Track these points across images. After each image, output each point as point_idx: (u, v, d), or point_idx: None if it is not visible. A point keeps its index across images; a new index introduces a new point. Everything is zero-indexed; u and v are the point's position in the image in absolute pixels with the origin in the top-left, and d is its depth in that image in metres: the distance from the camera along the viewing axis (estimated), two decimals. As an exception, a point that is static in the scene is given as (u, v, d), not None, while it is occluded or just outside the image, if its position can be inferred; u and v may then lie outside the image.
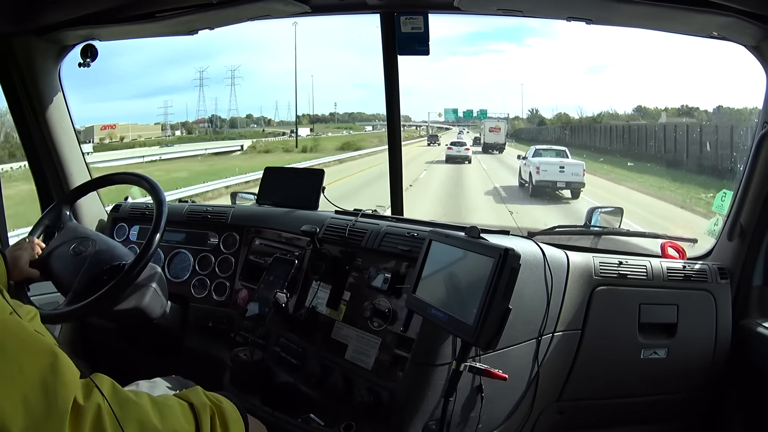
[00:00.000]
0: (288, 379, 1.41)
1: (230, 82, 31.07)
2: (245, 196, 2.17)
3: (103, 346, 1.86)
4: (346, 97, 68.16)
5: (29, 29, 1.73)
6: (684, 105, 21.20)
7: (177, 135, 27.46)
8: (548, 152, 13.76)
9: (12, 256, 1.39)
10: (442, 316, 1.11)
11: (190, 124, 29.14)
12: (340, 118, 35.41)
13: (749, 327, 1.56)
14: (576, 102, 58.57)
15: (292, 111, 39.43)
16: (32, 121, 1.87)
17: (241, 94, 39.92)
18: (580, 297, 1.47)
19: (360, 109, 39.79)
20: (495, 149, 23.28)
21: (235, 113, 31.24)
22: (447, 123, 32.48)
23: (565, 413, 1.52)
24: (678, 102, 24.60)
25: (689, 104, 20.92)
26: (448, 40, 42.95)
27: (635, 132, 18.03)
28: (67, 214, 1.61)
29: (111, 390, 0.69)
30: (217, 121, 30.19)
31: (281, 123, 32.32)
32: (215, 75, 31.71)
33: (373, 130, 32.77)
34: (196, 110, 30.73)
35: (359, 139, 29.86)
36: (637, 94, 50.03)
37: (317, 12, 1.78)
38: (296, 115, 30.75)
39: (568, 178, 12.24)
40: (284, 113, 39.91)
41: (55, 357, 0.64)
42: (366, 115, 35.55)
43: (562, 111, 29.44)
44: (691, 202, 10.63)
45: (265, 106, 53.41)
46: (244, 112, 31.96)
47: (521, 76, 55.55)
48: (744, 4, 1.31)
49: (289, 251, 1.62)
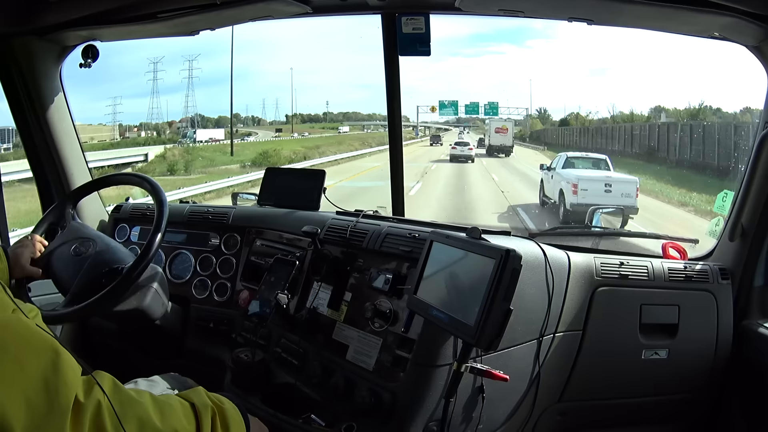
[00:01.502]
0: (289, 379, 1.41)
1: (188, 74, 27.46)
2: (246, 197, 2.17)
3: (105, 346, 1.86)
4: (341, 96, 68.01)
5: (30, 30, 1.73)
6: (707, 105, 19.54)
7: (131, 137, 24.99)
8: (583, 162, 10.49)
9: (14, 253, 1.40)
10: (443, 316, 1.11)
11: (160, 125, 26.89)
12: (334, 117, 34.71)
13: (750, 327, 1.56)
14: (583, 103, 56.19)
15: (281, 110, 38.38)
16: (33, 121, 1.87)
17: (226, 94, 39.21)
18: (582, 298, 1.47)
19: (356, 108, 39.28)
20: (501, 152, 21.51)
21: (193, 110, 28.54)
22: (447, 124, 32.18)
23: (566, 414, 1.52)
24: (694, 102, 23.26)
25: (711, 104, 19.35)
26: (449, 41, 42.81)
27: (666, 133, 15.63)
28: (70, 213, 1.61)
29: (112, 387, 0.70)
30: (199, 121, 27.86)
31: (274, 123, 31.42)
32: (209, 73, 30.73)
33: (365, 131, 31.46)
34: (185, 108, 28.87)
35: (324, 143, 26.77)
36: (654, 95, 49.06)
37: (318, 12, 1.77)
38: (231, 113, 28.15)
39: (618, 201, 8.51)
40: (272, 113, 38.96)
41: (56, 354, 0.65)
42: (362, 115, 34.87)
43: (573, 111, 27.41)
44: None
45: (252, 104, 52.13)
46: (217, 112, 30.02)
47: (526, 74, 54.85)
48: (745, 5, 1.30)
49: (291, 252, 1.62)
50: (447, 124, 32.49)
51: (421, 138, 29.73)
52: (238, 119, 31.19)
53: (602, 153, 12.01)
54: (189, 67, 27.40)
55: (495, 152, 21.48)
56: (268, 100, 38.79)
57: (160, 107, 33.52)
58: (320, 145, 26.14)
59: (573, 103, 57.50)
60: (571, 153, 11.51)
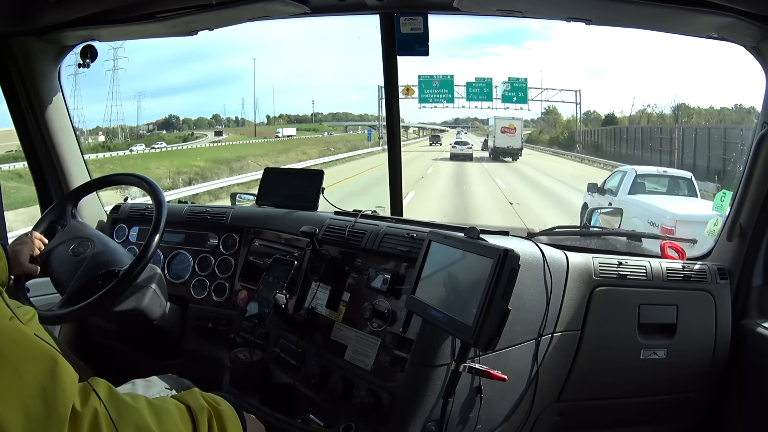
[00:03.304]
0: (287, 379, 1.41)
1: (112, 65, 23.84)
2: (245, 197, 2.17)
3: (103, 346, 1.86)
4: (338, 98, 67.43)
5: (29, 30, 1.73)
6: (738, 104, 17.09)
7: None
8: (657, 182, 7.17)
9: (13, 250, 1.39)
10: (441, 316, 1.11)
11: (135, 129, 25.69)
12: (323, 118, 34.02)
13: (749, 327, 1.56)
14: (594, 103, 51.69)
15: (262, 111, 36.96)
16: (32, 121, 1.87)
17: (218, 95, 38.25)
18: (580, 297, 1.47)
19: (347, 109, 38.62)
20: (508, 155, 19.01)
21: (118, 105, 27.51)
22: (445, 124, 31.98)
23: (564, 414, 1.52)
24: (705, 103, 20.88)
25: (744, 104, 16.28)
26: (447, 42, 42.84)
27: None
28: (71, 212, 1.61)
29: (108, 394, 0.69)
30: (176, 122, 26.73)
31: (259, 124, 30.27)
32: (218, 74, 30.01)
33: (346, 132, 30.07)
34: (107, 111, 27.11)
35: (262, 151, 22.04)
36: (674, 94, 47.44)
37: (317, 13, 1.78)
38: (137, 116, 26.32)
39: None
40: (249, 112, 37.74)
41: (54, 363, 0.65)
42: (353, 116, 34.47)
43: (591, 110, 24.00)
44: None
45: (230, 105, 50.81)
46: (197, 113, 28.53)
47: (527, 73, 54.12)
48: (744, 5, 1.30)
49: (289, 252, 1.62)
50: (444, 125, 32.26)
51: (414, 141, 29.36)
52: (218, 120, 30.27)
53: (612, 158, 9.85)
54: (113, 57, 22.96)
55: (501, 156, 19.14)
56: (248, 100, 37.73)
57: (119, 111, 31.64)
58: (247, 155, 21.01)
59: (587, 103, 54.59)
60: (641, 168, 7.72)
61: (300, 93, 49.51)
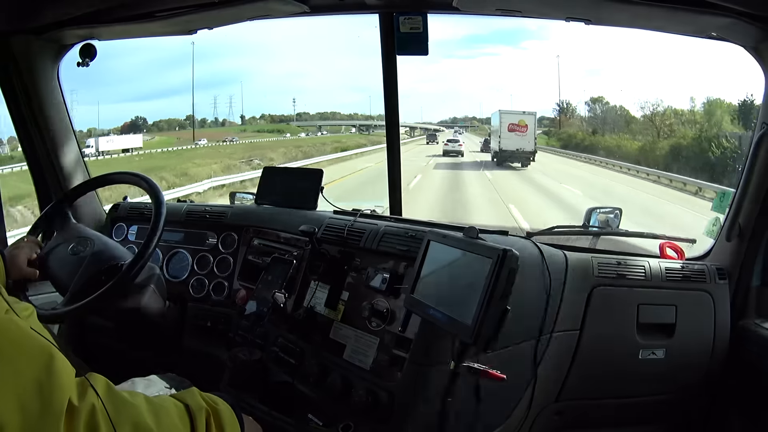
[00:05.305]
0: (286, 378, 1.40)
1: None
2: (244, 196, 2.17)
3: (102, 345, 1.85)
4: (324, 98, 66.65)
5: (28, 28, 1.72)
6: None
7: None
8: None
9: (10, 255, 1.39)
10: (440, 316, 1.11)
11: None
12: (310, 118, 33.34)
13: (748, 327, 1.56)
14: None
15: (236, 110, 35.91)
16: (30, 120, 1.87)
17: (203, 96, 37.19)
18: (579, 297, 1.47)
19: (336, 108, 38.06)
20: (516, 160, 14.55)
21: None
22: (442, 124, 31.98)
23: (563, 413, 1.52)
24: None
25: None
26: (444, 42, 42.78)
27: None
28: (67, 213, 1.61)
29: (106, 390, 0.69)
30: (142, 124, 25.88)
31: (231, 124, 29.02)
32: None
33: (314, 134, 28.86)
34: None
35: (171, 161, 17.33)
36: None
37: (316, 12, 1.78)
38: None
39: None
40: (224, 112, 36.38)
41: (50, 357, 0.64)
42: (342, 115, 33.86)
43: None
44: None
45: (206, 106, 48.75)
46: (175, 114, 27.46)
47: (528, 73, 53.84)
48: (743, 5, 1.30)
49: (288, 251, 1.62)
50: (441, 124, 32.32)
51: (410, 140, 29.48)
52: (190, 120, 29.19)
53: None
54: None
55: (508, 161, 14.47)
56: (222, 98, 36.69)
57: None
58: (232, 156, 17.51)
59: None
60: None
61: (293, 94, 49.15)
